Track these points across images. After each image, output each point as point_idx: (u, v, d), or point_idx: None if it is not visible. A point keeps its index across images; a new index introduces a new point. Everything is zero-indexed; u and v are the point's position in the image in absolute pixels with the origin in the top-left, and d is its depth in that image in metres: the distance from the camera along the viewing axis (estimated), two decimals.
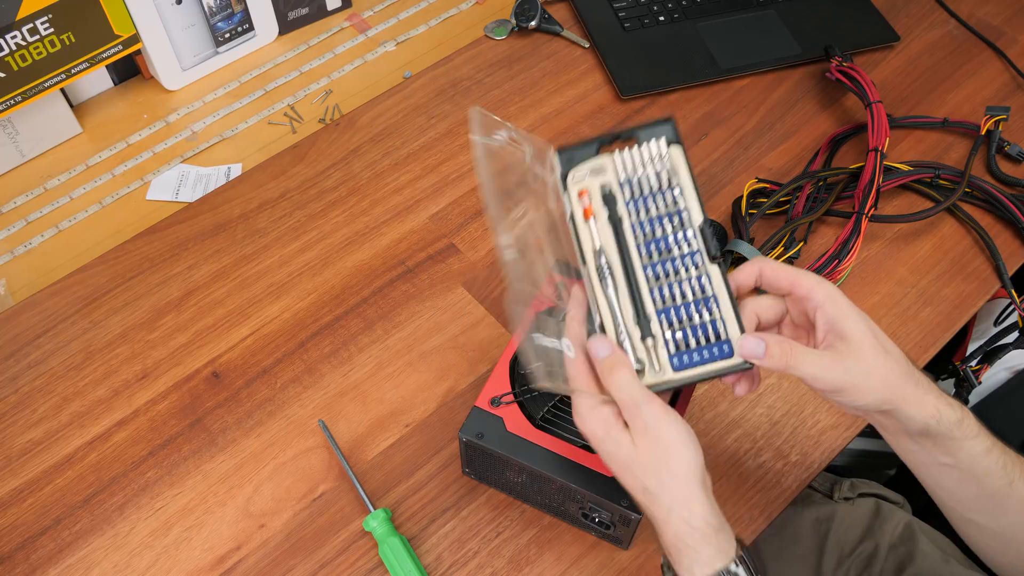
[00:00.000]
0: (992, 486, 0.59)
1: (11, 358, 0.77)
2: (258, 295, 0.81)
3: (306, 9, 1.02)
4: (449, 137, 0.92)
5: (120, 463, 0.71)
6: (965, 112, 0.94)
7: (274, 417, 0.73)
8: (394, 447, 0.72)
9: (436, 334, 0.78)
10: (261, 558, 0.67)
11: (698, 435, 0.71)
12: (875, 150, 0.83)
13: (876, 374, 0.54)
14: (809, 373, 0.54)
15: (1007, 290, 0.81)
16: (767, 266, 0.56)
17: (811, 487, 0.92)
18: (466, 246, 0.84)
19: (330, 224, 0.85)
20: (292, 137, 0.94)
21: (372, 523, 0.66)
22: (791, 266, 0.56)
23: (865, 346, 0.53)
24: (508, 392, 0.64)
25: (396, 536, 0.65)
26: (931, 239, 0.84)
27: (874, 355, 0.54)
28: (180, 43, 0.94)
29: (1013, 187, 0.87)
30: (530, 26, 1.01)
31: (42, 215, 0.88)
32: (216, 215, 0.86)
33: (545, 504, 0.67)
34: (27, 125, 0.89)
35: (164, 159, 0.92)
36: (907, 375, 0.55)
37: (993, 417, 0.92)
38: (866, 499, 0.89)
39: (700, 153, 0.91)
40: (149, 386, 0.75)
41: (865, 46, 1.00)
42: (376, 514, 0.66)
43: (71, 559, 0.67)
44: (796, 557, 0.85)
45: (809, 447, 0.72)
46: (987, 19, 1.03)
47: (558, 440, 0.62)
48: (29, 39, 0.82)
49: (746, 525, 0.68)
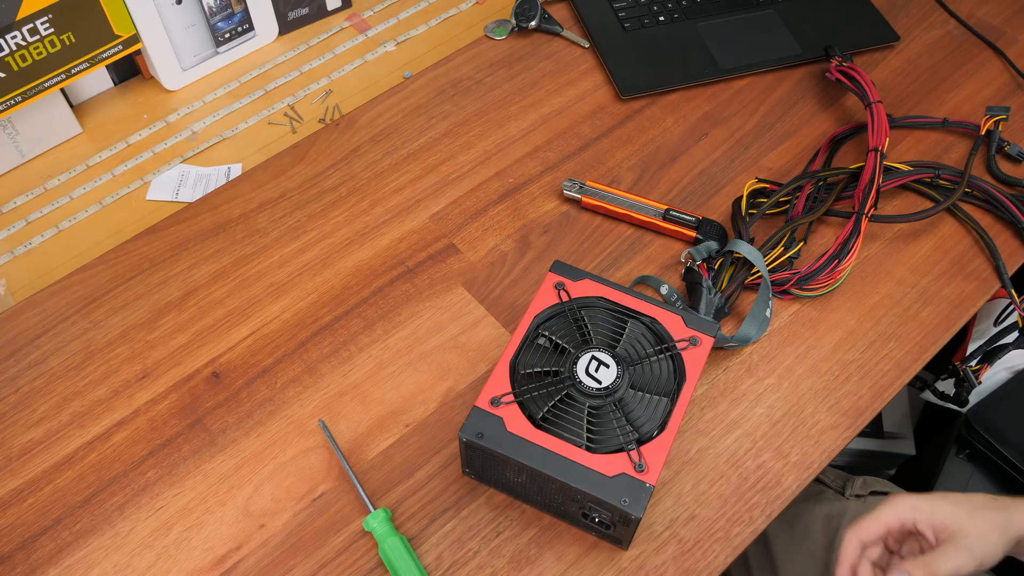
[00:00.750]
0: None
1: (11, 358, 0.77)
2: (258, 295, 0.81)
3: (306, 9, 1.02)
4: (449, 137, 0.92)
5: (120, 463, 0.71)
6: (965, 112, 0.94)
7: (274, 417, 0.73)
8: (394, 447, 0.72)
9: (436, 334, 0.78)
10: (261, 558, 0.67)
11: (698, 435, 0.72)
12: (875, 150, 0.83)
13: (985, 530, 0.63)
14: (952, 572, 0.62)
15: (1007, 290, 0.81)
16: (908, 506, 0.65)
17: (823, 483, 0.92)
18: (466, 246, 0.84)
19: (330, 224, 0.85)
20: (292, 137, 0.94)
21: (372, 523, 0.66)
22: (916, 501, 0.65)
23: (963, 517, 0.63)
24: (508, 392, 0.64)
25: (396, 536, 0.65)
26: (931, 239, 0.84)
27: (972, 520, 0.63)
28: (180, 43, 0.94)
29: (1013, 187, 0.87)
30: (530, 26, 1.01)
31: (42, 215, 0.88)
32: (216, 215, 0.86)
33: (545, 504, 0.67)
34: (27, 125, 0.89)
35: (164, 159, 0.92)
36: (994, 506, 0.64)
37: (993, 417, 0.92)
38: (877, 497, 0.89)
39: (700, 153, 0.91)
40: (149, 386, 0.75)
41: (865, 46, 1.00)
42: (376, 514, 0.66)
43: (71, 559, 0.67)
44: (807, 553, 0.86)
45: (809, 447, 0.72)
46: (987, 19, 1.03)
47: (558, 440, 0.62)
48: (29, 39, 0.82)
49: (746, 525, 0.68)
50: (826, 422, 0.73)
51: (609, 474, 0.60)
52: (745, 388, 0.75)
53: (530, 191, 0.88)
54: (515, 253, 0.84)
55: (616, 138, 0.92)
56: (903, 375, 0.76)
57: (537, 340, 0.67)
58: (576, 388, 0.64)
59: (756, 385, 0.75)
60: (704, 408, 0.74)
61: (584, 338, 0.67)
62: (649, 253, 0.83)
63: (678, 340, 0.67)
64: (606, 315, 0.69)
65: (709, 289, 0.76)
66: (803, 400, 0.74)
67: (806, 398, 0.74)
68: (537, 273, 0.82)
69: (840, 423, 0.73)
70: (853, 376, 0.76)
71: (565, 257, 0.83)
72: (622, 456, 0.61)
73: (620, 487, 0.60)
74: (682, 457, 0.71)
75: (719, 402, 0.74)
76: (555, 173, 0.89)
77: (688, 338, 0.67)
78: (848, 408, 0.74)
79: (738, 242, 0.78)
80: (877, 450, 1.18)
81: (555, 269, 0.71)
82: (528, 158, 0.90)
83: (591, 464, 0.61)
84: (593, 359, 0.65)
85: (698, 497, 0.69)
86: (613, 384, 0.64)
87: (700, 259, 0.79)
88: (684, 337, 0.67)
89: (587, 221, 0.86)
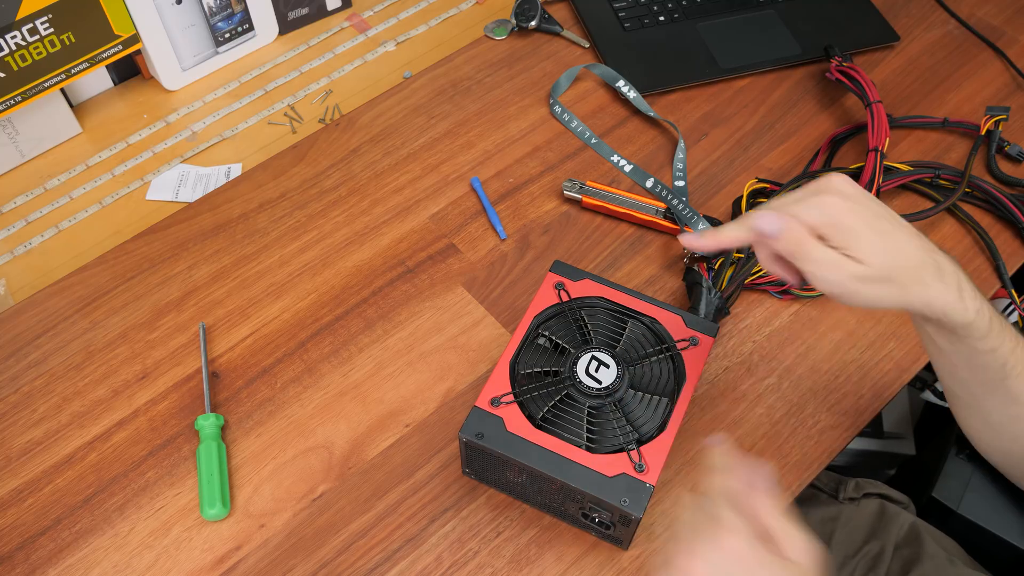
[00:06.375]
0: (985, 378, 0.60)
1: (11, 358, 0.77)
2: (258, 295, 0.81)
3: (306, 9, 1.02)
4: (449, 137, 0.92)
5: (120, 463, 0.71)
6: (965, 112, 0.94)
7: (274, 417, 0.73)
8: (394, 447, 0.72)
9: (436, 334, 0.78)
10: (261, 558, 0.67)
11: (698, 435, 0.72)
12: (875, 150, 0.83)
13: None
14: (816, 268, 0.53)
15: (1007, 290, 0.81)
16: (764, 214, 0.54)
17: (816, 487, 0.92)
18: (466, 246, 0.84)
19: (330, 224, 0.85)
20: (292, 137, 0.94)
21: (203, 423, 0.71)
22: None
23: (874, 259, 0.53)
24: (508, 392, 0.64)
25: (216, 442, 0.70)
26: (931, 239, 0.84)
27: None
28: (180, 43, 0.94)
29: (1013, 187, 0.87)
30: (530, 26, 1.01)
31: (42, 215, 0.88)
32: (216, 215, 0.86)
33: (545, 504, 0.67)
34: (27, 125, 0.89)
35: (164, 159, 0.92)
36: (921, 275, 0.54)
37: None
38: (871, 499, 0.89)
39: (700, 153, 0.91)
40: (149, 386, 0.75)
41: (865, 46, 1.00)
42: (208, 416, 0.71)
43: (71, 559, 0.67)
44: None
45: (809, 447, 0.72)
46: (987, 19, 1.03)
47: (558, 440, 0.62)
48: (29, 39, 0.82)
49: None
50: (826, 422, 0.73)
51: (609, 474, 0.60)
52: (745, 388, 0.75)
53: (530, 191, 0.88)
54: (515, 253, 0.84)
55: (616, 138, 0.92)
56: (903, 375, 0.76)
57: (537, 340, 0.67)
58: (576, 388, 0.64)
59: (756, 385, 0.75)
60: (704, 408, 0.74)
61: (584, 338, 0.67)
62: (649, 253, 0.83)
63: (678, 340, 0.67)
64: (606, 315, 0.69)
65: (709, 289, 0.76)
66: (803, 400, 0.74)
67: (806, 398, 0.74)
68: (537, 273, 0.82)
69: (840, 423, 0.73)
70: (853, 376, 0.76)
71: (565, 257, 0.83)
72: (622, 456, 0.61)
73: (620, 487, 0.60)
74: (682, 457, 0.71)
75: (719, 402, 0.74)
76: (555, 173, 0.89)
77: (688, 338, 0.67)
78: (848, 408, 0.74)
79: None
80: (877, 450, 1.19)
81: (555, 269, 0.71)
82: (528, 158, 0.90)
83: (591, 464, 0.61)
84: (593, 359, 0.65)
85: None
86: (613, 384, 0.64)
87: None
88: (684, 337, 0.67)
89: (587, 221, 0.86)
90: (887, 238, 0.54)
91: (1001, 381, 0.59)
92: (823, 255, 0.53)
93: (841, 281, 0.53)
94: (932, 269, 0.55)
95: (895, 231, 0.55)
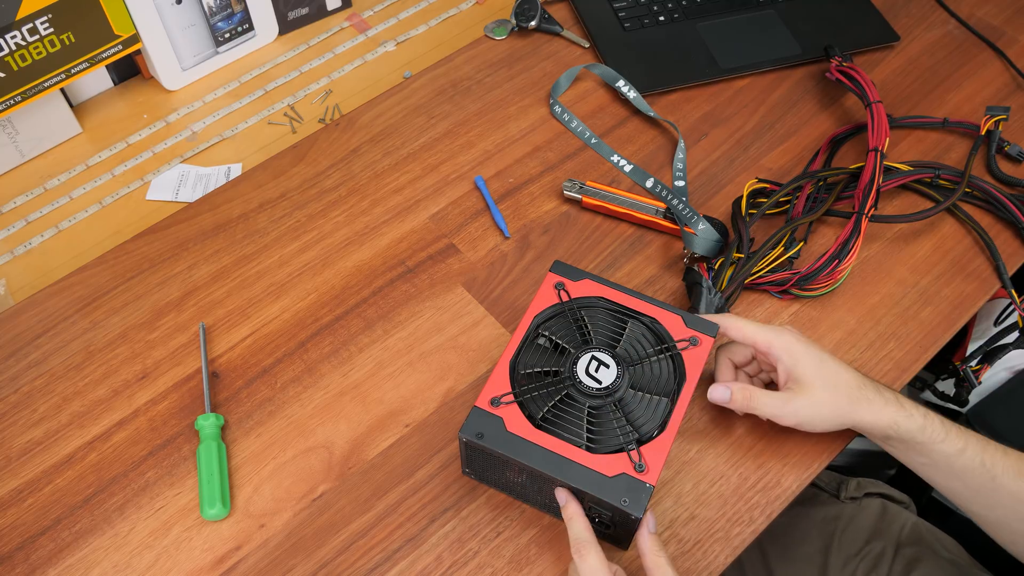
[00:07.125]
0: (975, 483, 0.62)
1: (11, 358, 0.77)
2: (258, 295, 0.81)
3: (306, 9, 1.02)
4: (449, 137, 0.92)
5: (120, 463, 0.71)
6: (965, 112, 0.94)
7: (274, 417, 0.73)
8: (394, 447, 0.72)
9: (436, 334, 0.78)
10: (261, 558, 0.67)
11: (698, 435, 0.72)
12: (875, 150, 0.83)
13: (826, 407, 0.64)
14: (768, 413, 0.66)
15: (1007, 290, 0.81)
16: (731, 326, 0.67)
17: (818, 487, 0.92)
18: (466, 246, 0.84)
19: (330, 224, 0.85)
20: (292, 137, 0.94)
21: (203, 423, 0.71)
22: (750, 323, 0.67)
23: (816, 386, 0.64)
24: (508, 392, 0.64)
25: (216, 442, 0.70)
26: (931, 239, 0.84)
27: (823, 391, 0.64)
28: (180, 43, 0.94)
29: (1013, 187, 0.87)
30: (530, 26, 1.01)
31: (42, 215, 0.88)
32: (216, 215, 0.86)
33: (545, 504, 0.67)
34: (27, 125, 0.89)
35: (164, 159, 0.92)
36: (857, 399, 0.64)
37: (993, 417, 0.92)
38: (872, 499, 0.89)
39: (700, 153, 0.91)
40: (149, 386, 0.75)
41: (865, 46, 1.00)
42: (208, 416, 0.71)
43: (71, 559, 0.67)
44: (803, 557, 0.85)
45: (809, 447, 0.72)
46: (987, 19, 1.03)
47: (558, 440, 0.62)
48: (29, 39, 0.82)
49: (746, 525, 0.68)
50: None
51: (609, 474, 0.60)
52: None
53: (530, 191, 0.88)
54: (515, 253, 0.84)
55: (616, 138, 0.92)
56: (903, 375, 0.76)
57: (537, 340, 0.67)
58: (576, 388, 0.64)
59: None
60: (704, 408, 0.74)
61: (584, 338, 0.67)
62: (649, 253, 0.83)
63: (678, 340, 0.67)
64: (606, 315, 0.69)
65: (709, 289, 0.76)
66: None
67: None
68: (537, 273, 0.82)
69: None
70: None
71: (565, 257, 0.83)
72: (622, 456, 0.61)
73: (620, 487, 0.60)
74: (682, 457, 0.71)
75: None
76: (555, 173, 0.89)
77: (688, 338, 0.67)
78: None
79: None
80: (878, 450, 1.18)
81: (555, 269, 0.71)
82: (528, 158, 0.90)
83: (591, 464, 0.61)
84: (593, 359, 0.65)
85: (698, 497, 0.69)
86: (613, 384, 0.64)
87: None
88: (684, 337, 0.67)
89: (587, 221, 0.86)
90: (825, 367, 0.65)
91: (991, 481, 0.63)
92: (770, 400, 0.66)
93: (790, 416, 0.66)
94: (871, 389, 0.65)
95: (833, 363, 0.66)
